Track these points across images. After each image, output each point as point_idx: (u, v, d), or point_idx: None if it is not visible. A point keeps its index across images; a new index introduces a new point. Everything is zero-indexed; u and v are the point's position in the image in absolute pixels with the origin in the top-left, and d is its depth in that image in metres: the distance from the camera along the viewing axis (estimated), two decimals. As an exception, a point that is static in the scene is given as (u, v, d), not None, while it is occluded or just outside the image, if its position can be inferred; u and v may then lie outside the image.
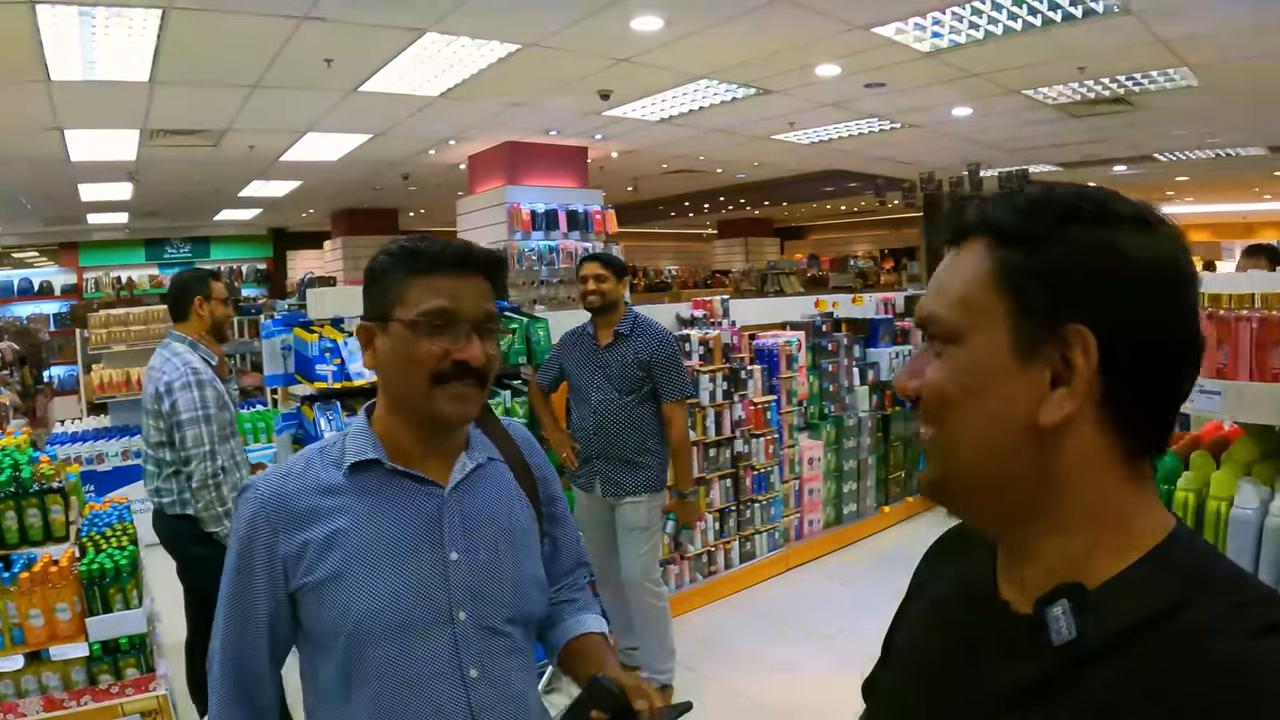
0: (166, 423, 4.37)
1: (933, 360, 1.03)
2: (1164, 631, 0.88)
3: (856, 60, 8.85)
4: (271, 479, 1.82)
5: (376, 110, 10.20)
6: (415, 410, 1.80)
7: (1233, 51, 8.56)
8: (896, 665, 1.30)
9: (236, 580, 1.78)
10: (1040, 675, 0.95)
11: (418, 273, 1.77)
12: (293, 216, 21.31)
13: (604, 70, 8.88)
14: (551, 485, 2.14)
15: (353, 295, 5.83)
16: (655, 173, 16.61)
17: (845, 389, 8.67)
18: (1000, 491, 1.00)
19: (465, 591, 1.80)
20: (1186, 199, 23.95)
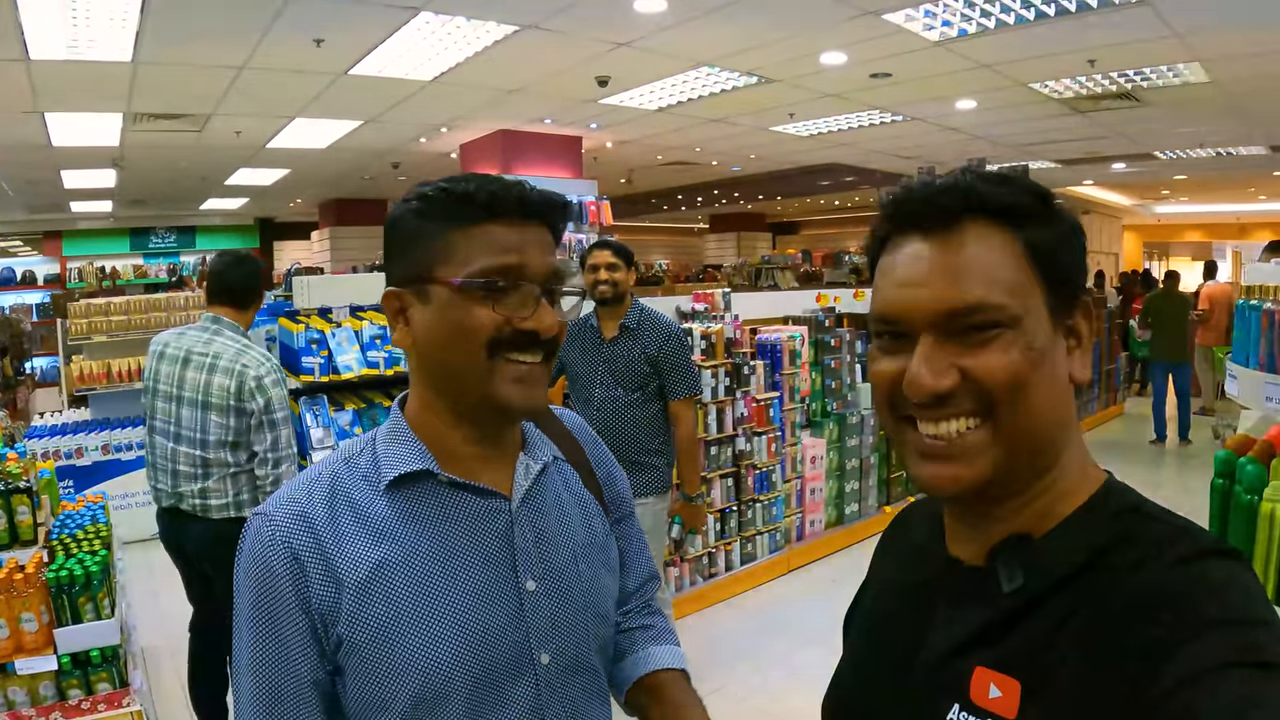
0: (246, 421, 4.07)
1: (971, 351, 1.01)
2: (1098, 570, 0.97)
3: (863, 48, 8.72)
4: (286, 504, 1.40)
5: (367, 95, 10.03)
6: (468, 397, 1.42)
7: (1245, 47, 8.49)
8: (852, 644, 1.33)
9: (264, 645, 1.36)
10: (991, 620, 1.02)
11: (468, 222, 1.38)
12: (280, 206, 21.22)
13: (603, 55, 8.73)
14: (618, 485, 1.77)
15: (341, 284, 5.65)
16: (650, 164, 16.54)
17: (847, 386, 8.49)
18: (1043, 456, 1.04)
19: (547, 627, 1.46)
20: (1182, 198, 24.04)
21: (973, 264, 1.02)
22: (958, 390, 1.01)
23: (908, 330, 1.04)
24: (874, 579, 1.37)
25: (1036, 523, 1.05)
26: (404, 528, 1.39)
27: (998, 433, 1.01)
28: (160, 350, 4.20)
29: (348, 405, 4.73)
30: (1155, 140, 14.36)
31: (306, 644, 1.34)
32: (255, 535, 1.38)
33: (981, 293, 1.00)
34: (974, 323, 1.00)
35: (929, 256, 1.04)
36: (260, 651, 1.35)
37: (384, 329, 4.77)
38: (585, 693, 1.52)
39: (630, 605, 1.77)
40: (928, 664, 1.08)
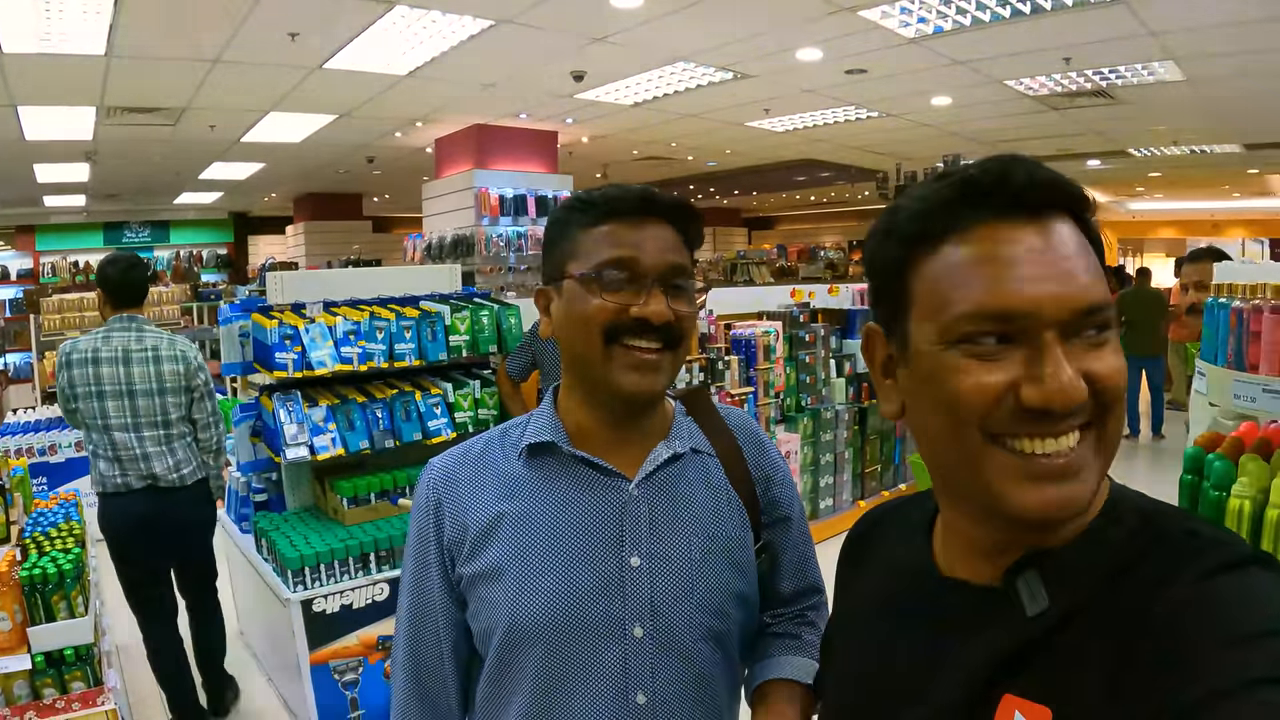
0: (188, 397, 4.74)
1: (1089, 353, 0.93)
2: (1123, 588, 0.91)
3: (839, 45, 8.70)
4: (448, 459, 1.66)
5: (342, 89, 9.95)
6: (592, 381, 1.57)
7: (1221, 46, 8.51)
8: (842, 662, 1.28)
9: (414, 569, 1.64)
10: (1014, 645, 0.95)
11: (592, 223, 1.55)
12: (255, 200, 21.09)
13: (579, 50, 8.69)
14: (774, 488, 1.76)
15: (315, 279, 5.62)
16: (625, 159, 16.44)
17: (822, 381, 8.50)
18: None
19: (645, 604, 1.54)
20: (1156, 195, 24.12)
21: (1082, 260, 0.94)
22: (1087, 398, 0.92)
23: (1024, 330, 0.92)
24: (849, 599, 1.33)
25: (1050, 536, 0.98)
26: (528, 488, 1.58)
27: (1100, 443, 0.95)
28: (89, 356, 4.53)
29: (321, 401, 4.70)
30: (1130, 138, 14.41)
31: (441, 572, 1.60)
32: (422, 480, 1.65)
33: (1100, 291, 0.93)
34: (1096, 323, 0.93)
35: (1043, 248, 0.94)
36: (413, 571, 1.63)
37: (357, 324, 4.75)
38: (687, 679, 1.56)
39: (784, 611, 1.79)
40: (945, 697, 1.00)
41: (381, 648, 4.48)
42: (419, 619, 1.62)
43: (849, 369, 8.87)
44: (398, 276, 5.64)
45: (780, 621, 1.77)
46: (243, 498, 5.21)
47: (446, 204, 12.80)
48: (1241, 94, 10.54)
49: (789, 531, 1.78)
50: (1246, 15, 7.47)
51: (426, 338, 4.94)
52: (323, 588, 4.35)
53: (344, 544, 4.40)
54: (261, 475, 5.08)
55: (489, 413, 5.13)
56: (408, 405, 4.87)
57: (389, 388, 4.98)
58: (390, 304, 5.13)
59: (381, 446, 4.75)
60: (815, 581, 1.84)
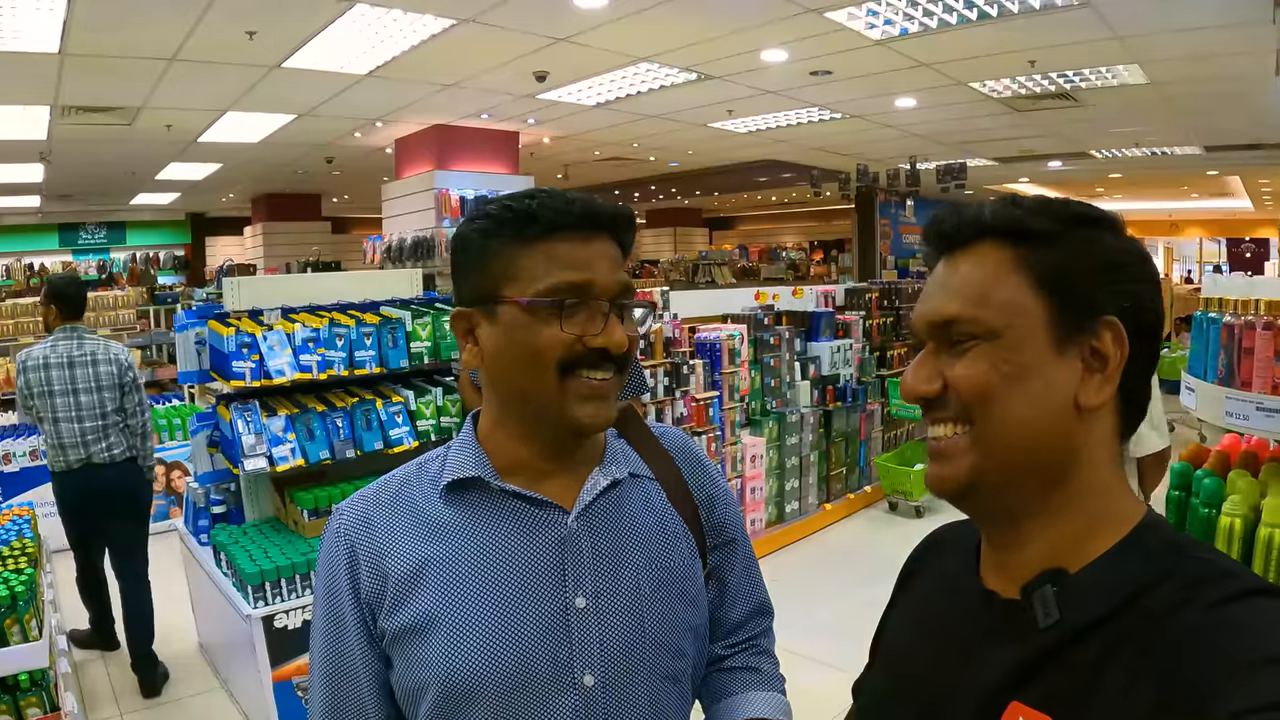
0: (121, 391, 5.47)
1: (953, 360, 1.06)
2: (1136, 610, 0.95)
3: (804, 46, 8.69)
4: (358, 501, 1.49)
5: (301, 88, 9.83)
6: (538, 415, 1.43)
7: (1184, 49, 8.58)
8: (884, 665, 1.33)
9: (327, 629, 1.45)
10: (1027, 656, 1.00)
11: (533, 238, 1.38)
12: (212, 201, 20.85)
13: (542, 50, 8.62)
14: (719, 509, 1.68)
15: (273, 284, 5.56)
16: (587, 160, 16.41)
17: (786, 384, 8.47)
18: (1030, 474, 1.05)
19: (594, 649, 1.41)
20: (1116, 195, 24.31)
21: (962, 281, 1.08)
22: (945, 397, 1.07)
23: (921, 341, 1.12)
24: (902, 604, 1.37)
25: (1069, 556, 1.04)
26: (453, 529, 1.43)
27: (975, 440, 1.05)
28: (41, 363, 5.33)
29: (280, 410, 4.61)
30: (1092, 139, 14.51)
31: (359, 628, 1.42)
32: (328, 528, 1.49)
33: (959, 307, 1.06)
34: (953, 334, 1.07)
35: (937, 276, 1.12)
36: (325, 628, 1.45)
37: (317, 331, 4.67)
38: None
39: (736, 639, 1.71)
40: (962, 698, 1.06)
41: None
42: (337, 686, 1.44)
43: (814, 371, 8.86)
44: (357, 281, 5.58)
45: (736, 654, 1.70)
46: (200, 510, 5.10)
47: (407, 205, 12.69)
48: (1203, 96, 10.63)
49: (736, 554, 1.71)
50: (1211, 20, 7.52)
51: (387, 344, 4.88)
52: (284, 603, 4.27)
53: (305, 557, 4.32)
54: (219, 487, 5.00)
55: (452, 420, 5.07)
56: (369, 414, 4.79)
57: (349, 396, 4.91)
58: (350, 310, 5.07)
59: (342, 456, 4.67)
60: (764, 602, 1.78)
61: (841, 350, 9.16)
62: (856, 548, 7.98)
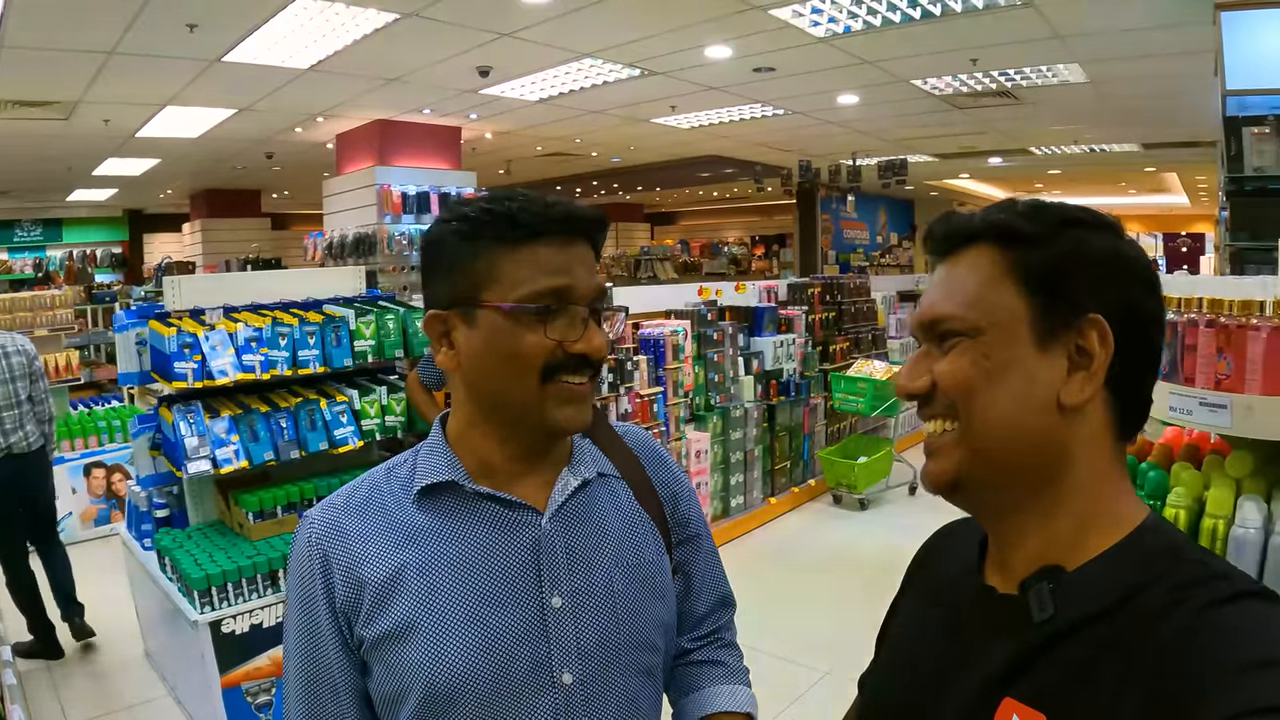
0: (29, 380, 5.79)
1: (940, 358, 1.10)
2: (1129, 610, 0.96)
3: (748, 43, 8.74)
4: (328, 509, 1.48)
5: (241, 82, 9.72)
6: (517, 418, 1.44)
7: (1124, 49, 8.72)
8: (887, 657, 1.36)
9: (301, 640, 1.44)
10: (1020, 651, 1.02)
11: (514, 242, 1.38)
12: (150, 197, 20.59)
13: (485, 45, 8.59)
14: (682, 504, 1.71)
15: (214, 282, 5.50)
16: (529, 155, 16.35)
17: (730, 379, 8.49)
18: (1017, 471, 1.07)
19: (571, 648, 1.43)
20: (1055, 191, 24.54)
21: (952, 283, 1.11)
22: (933, 394, 1.11)
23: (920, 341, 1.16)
24: (910, 596, 1.39)
25: (1066, 554, 1.06)
26: (429, 534, 1.43)
27: (961, 436, 1.08)
28: None
29: (223, 412, 4.55)
30: (1032, 136, 14.73)
31: (335, 637, 1.41)
32: (299, 536, 1.47)
33: (945, 307, 1.10)
34: (938, 332, 1.11)
35: (933, 279, 1.16)
36: (300, 642, 1.44)
37: (259, 331, 4.62)
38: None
39: (701, 632, 1.74)
40: (959, 693, 1.09)
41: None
42: (314, 697, 1.43)
43: (757, 366, 8.87)
44: (300, 279, 5.52)
45: (701, 647, 1.73)
46: (143, 513, 5.02)
47: (348, 201, 12.60)
48: (1141, 95, 10.81)
49: (700, 548, 1.74)
50: (1150, 20, 7.65)
51: (331, 343, 4.83)
52: (231, 607, 4.21)
53: (251, 561, 4.26)
54: (162, 490, 4.92)
55: (396, 420, 5.03)
56: (313, 414, 4.75)
57: (293, 396, 4.85)
58: (293, 308, 5.01)
59: (287, 457, 4.62)
60: (727, 595, 1.80)
61: (784, 345, 9.18)
62: (802, 541, 8.03)
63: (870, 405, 9.01)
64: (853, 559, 7.30)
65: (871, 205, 25.44)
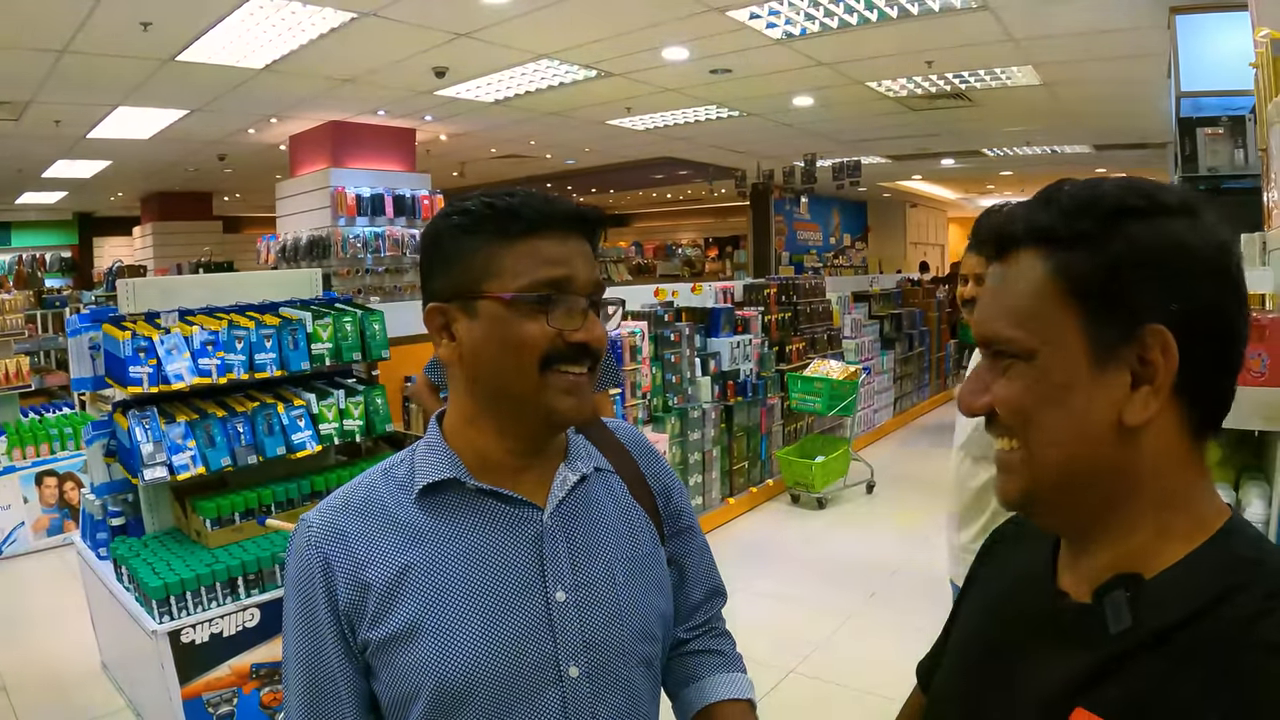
0: None
1: (999, 376, 1.04)
2: (1212, 619, 0.90)
3: (706, 44, 8.77)
4: (327, 512, 1.47)
5: (195, 82, 9.64)
6: (517, 409, 1.44)
7: (1077, 53, 8.82)
8: (953, 655, 1.32)
9: (303, 646, 1.43)
10: (1095, 662, 0.97)
11: (515, 236, 1.40)
12: (101, 200, 20.38)
13: (443, 45, 8.57)
14: (674, 497, 1.74)
15: (169, 285, 5.42)
16: (483, 157, 16.35)
17: (687, 380, 8.48)
18: (1085, 493, 1.01)
19: (577, 641, 1.44)
20: (1006, 192, 24.77)
21: (1001, 293, 1.04)
22: (993, 414, 1.05)
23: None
24: (977, 596, 1.35)
25: (1143, 562, 1.00)
26: (432, 533, 1.43)
27: (1026, 459, 1.03)
28: None
29: (179, 417, 4.49)
30: (984, 138, 14.86)
31: (338, 643, 1.41)
32: (297, 541, 1.46)
33: (998, 325, 1.03)
34: (994, 350, 1.05)
35: (989, 283, 1.09)
36: (301, 648, 1.43)
37: (215, 334, 4.56)
38: (620, 712, 1.49)
39: (695, 622, 1.75)
40: (1028, 701, 1.05)
41: (255, 676, 4.28)
42: (317, 704, 1.42)
43: (714, 367, 8.87)
44: (256, 282, 5.46)
45: (697, 637, 1.75)
46: (98, 522, 4.93)
47: (301, 204, 12.54)
48: (1093, 98, 10.94)
49: (693, 540, 1.77)
50: (1104, 24, 7.73)
51: (288, 346, 4.77)
52: (190, 616, 4.14)
53: (210, 569, 4.20)
54: (117, 498, 4.84)
55: (355, 424, 4.98)
56: (270, 418, 4.69)
57: (249, 400, 4.79)
58: (249, 311, 4.95)
59: (244, 463, 4.56)
60: (719, 585, 1.83)
61: (741, 345, 9.19)
62: (761, 540, 8.03)
63: (827, 405, 9.03)
64: (812, 557, 7.32)
65: (825, 207, 25.56)
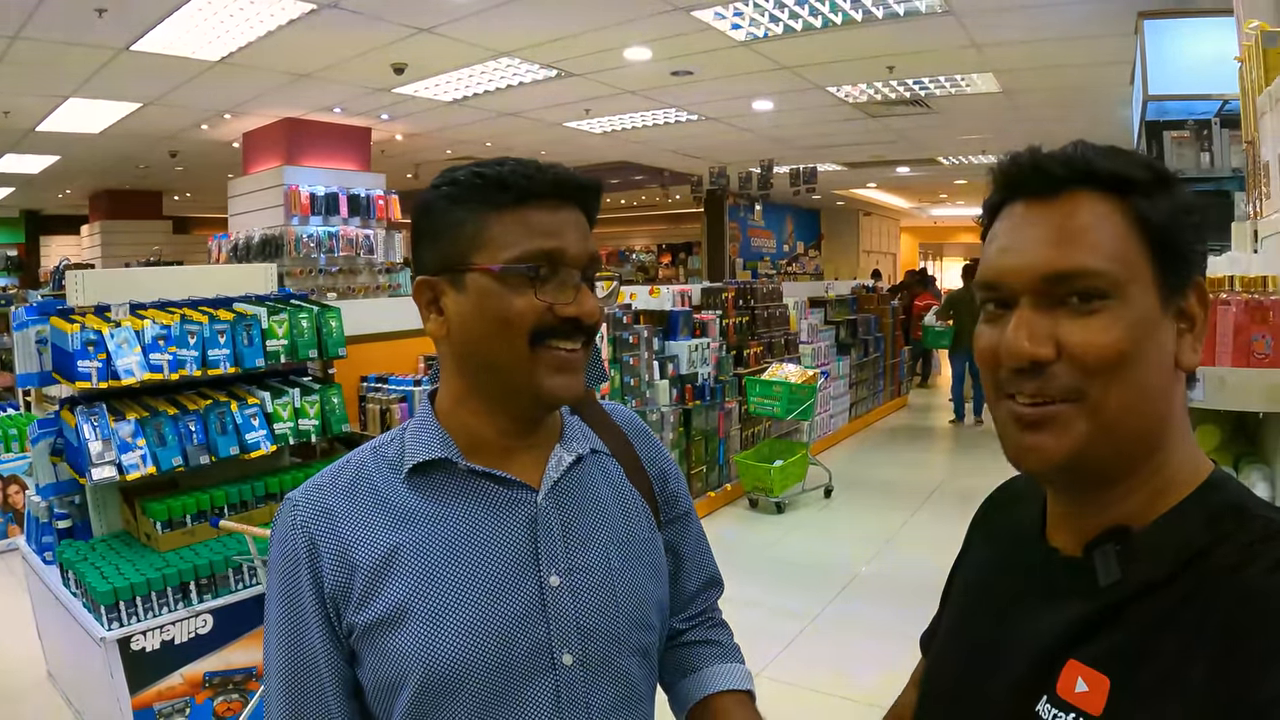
0: None
1: (1069, 319, 0.98)
2: (1198, 569, 0.93)
3: (669, 45, 8.77)
4: (313, 490, 1.40)
5: (149, 74, 9.46)
6: (507, 387, 1.38)
7: (1038, 60, 8.90)
8: (949, 622, 1.33)
9: (285, 629, 1.37)
10: (1086, 614, 0.99)
11: (504, 206, 1.32)
12: (48, 197, 20.15)
13: (402, 40, 8.49)
14: (671, 482, 1.67)
15: (120, 278, 5.29)
16: (439, 158, 16.17)
17: (646, 383, 8.42)
18: (1139, 444, 1.00)
19: (571, 627, 1.39)
20: (959, 201, 25.01)
21: (1077, 229, 0.98)
22: (1056, 363, 0.98)
23: (1009, 296, 1.02)
24: (970, 558, 1.36)
25: (1136, 514, 1.01)
26: (422, 514, 1.38)
27: (1092, 411, 0.98)
28: None
29: (129, 414, 4.35)
30: (940, 146, 15.02)
31: (323, 626, 1.35)
32: (282, 520, 1.40)
33: (1084, 258, 0.97)
34: (1076, 289, 0.97)
35: (1032, 221, 1.01)
36: (283, 630, 1.37)
37: (168, 329, 4.43)
38: (615, 702, 1.44)
39: (691, 612, 1.71)
40: (1023, 654, 1.06)
41: (209, 685, 4.16)
42: (299, 688, 1.36)
43: (672, 370, 8.83)
44: (210, 276, 5.34)
45: (693, 627, 1.71)
46: (44, 525, 4.76)
47: (254, 202, 12.42)
48: (1051, 104, 11.03)
49: (690, 526, 1.71)
50: (1068, 31, 7.79)
51: (242, 342, 4.65)
52: (140, 623, 4.00)
53: (160, 573, 4.05)
54: (64, 499, 4.67)
55: (310, 423, 4.86)
56: (223, 417, 4.56)
57: (202, 398, 4.65)
58: (202, 306, 4.81)
59: (196, 463, 4.42)
60: (715, 574, 1.78)
61: (699, 349, 9.15)
62: (720, 544, 7.77)
63: (786, 409, 8.99)
64: (771, 561, 7.28)
65: (779, 214, 25.65)
